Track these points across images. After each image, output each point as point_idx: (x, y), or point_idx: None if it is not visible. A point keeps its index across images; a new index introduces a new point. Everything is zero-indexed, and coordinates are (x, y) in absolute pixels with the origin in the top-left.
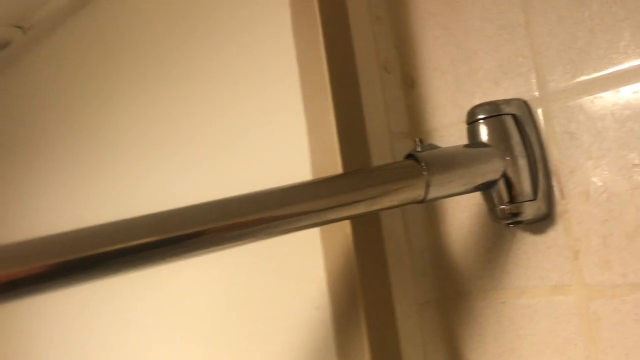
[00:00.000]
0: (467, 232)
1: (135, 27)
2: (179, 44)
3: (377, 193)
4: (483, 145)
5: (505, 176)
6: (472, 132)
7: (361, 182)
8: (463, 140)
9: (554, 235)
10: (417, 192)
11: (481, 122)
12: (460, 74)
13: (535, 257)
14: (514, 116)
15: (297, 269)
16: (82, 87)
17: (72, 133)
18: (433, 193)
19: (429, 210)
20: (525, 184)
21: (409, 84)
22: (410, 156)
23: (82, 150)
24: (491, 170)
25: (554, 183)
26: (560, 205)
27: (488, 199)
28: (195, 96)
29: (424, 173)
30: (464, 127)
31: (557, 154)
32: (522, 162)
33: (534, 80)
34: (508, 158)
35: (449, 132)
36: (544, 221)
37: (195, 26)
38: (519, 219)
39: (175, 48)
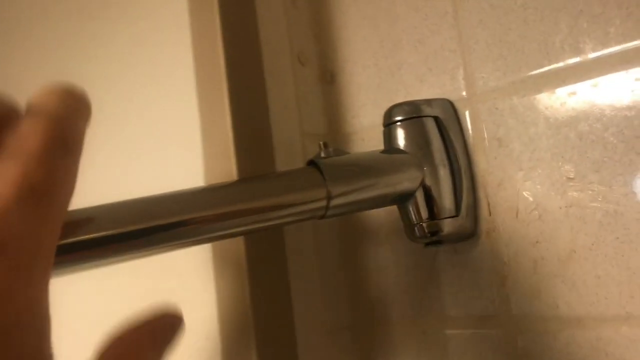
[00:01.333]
0: (388, 251)
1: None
2: (64, 36)
3: (266, 206)
4: (399, 151)
5: (423, 188)
6: (389, 136)
7: (245, 194)
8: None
9: (480, 257)
10: (316, 206)
11: (398, 125)
12: (383, 69)
13: (459, 282)
14: (436, 119)
15: (186, 292)
16: None
17: None
18: (336, 207)
19: (345, 225)
20: (446, 198)
21: (327, 79)
22: (312, 163)
23: None
24: (406, 180)
25: (481, 197)
26: (487, 223)
27: (405, 214)
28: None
29: (325, 183)
30: None
31: (485, 164)
32: (443, 172)
33: (461, 78)
34: (426, 167)
35: (369, 136)
36: (469, 241)
37: (80, 16)
38: (438, 238)
39: (59, 40)
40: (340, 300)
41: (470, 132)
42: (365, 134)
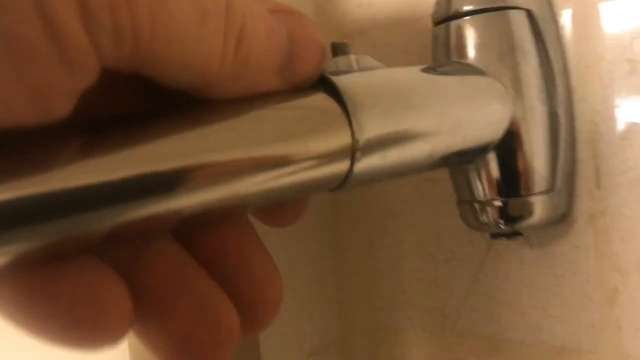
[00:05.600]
0: (406, 234)
1: None
2: None
3: (228, 165)
4: (469, 70)
5: (508, 139)
6: (446, 42)
7: (192, 140)
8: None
9: (573, 256)
10: (330, 170)
11: (467, 21)
12: None
13: (531, 292)
14: (529, 14)
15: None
16: None
17: None
18: (364, 172)
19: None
20: (539, 159)
21: None
22: (320, 82)
23: None
24: (487, 124)
25: (584, 157)
26: (591, 201)
27: (465, 183)
28: None
29: (350, 123)
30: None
31: (599, 102)
32: (542, 114)
33: None
34: (519, 102)
35: (387, 39)
36: (556, 227)
37: None
38: (521, 224)
39: None
40: (329, 305)
41: (572, 46)
42: (380, 35)
